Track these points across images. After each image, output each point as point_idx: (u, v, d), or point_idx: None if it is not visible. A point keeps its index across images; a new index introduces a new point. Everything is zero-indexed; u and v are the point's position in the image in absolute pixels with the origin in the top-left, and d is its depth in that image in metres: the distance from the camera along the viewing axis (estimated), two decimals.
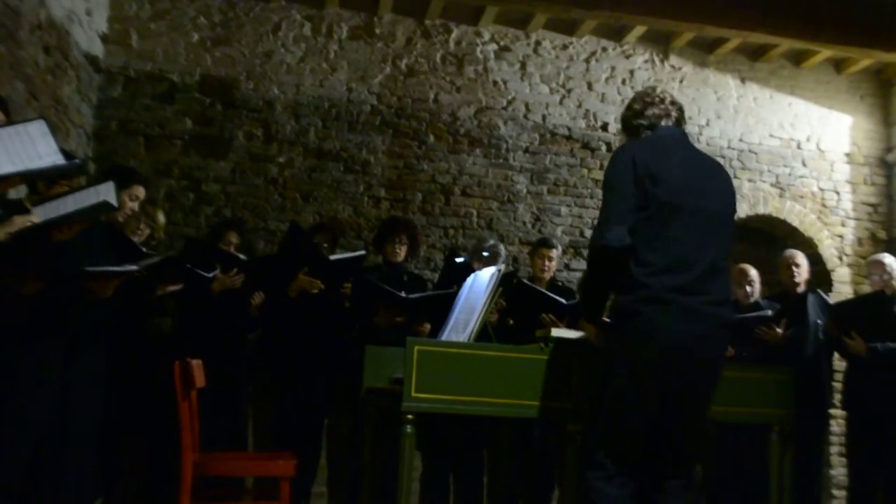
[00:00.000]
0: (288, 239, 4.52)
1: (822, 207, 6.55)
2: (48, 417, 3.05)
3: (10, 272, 2.87)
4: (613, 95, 6.27)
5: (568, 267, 5.92)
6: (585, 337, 2.85)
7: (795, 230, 6.49)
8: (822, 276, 6.26)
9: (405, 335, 3.87)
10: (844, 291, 6.36)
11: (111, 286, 3.15)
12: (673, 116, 2.74)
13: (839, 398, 5.09)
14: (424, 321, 4.33)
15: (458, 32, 6.11)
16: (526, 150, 6.09)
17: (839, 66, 6.65)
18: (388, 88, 5.93)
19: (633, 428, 2.51)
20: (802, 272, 4.97)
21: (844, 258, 6.52)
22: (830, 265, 6.46)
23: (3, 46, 3.99)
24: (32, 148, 2.76)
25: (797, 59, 6.56)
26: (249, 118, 5.68)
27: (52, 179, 3.09)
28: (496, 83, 6.13)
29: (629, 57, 6.38)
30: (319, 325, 4.42)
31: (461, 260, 4.61)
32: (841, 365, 5.14)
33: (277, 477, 3.34)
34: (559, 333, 3.06)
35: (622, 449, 2.51)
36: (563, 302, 4.32)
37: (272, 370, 4.52)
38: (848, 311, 4.79)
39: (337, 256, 4.41)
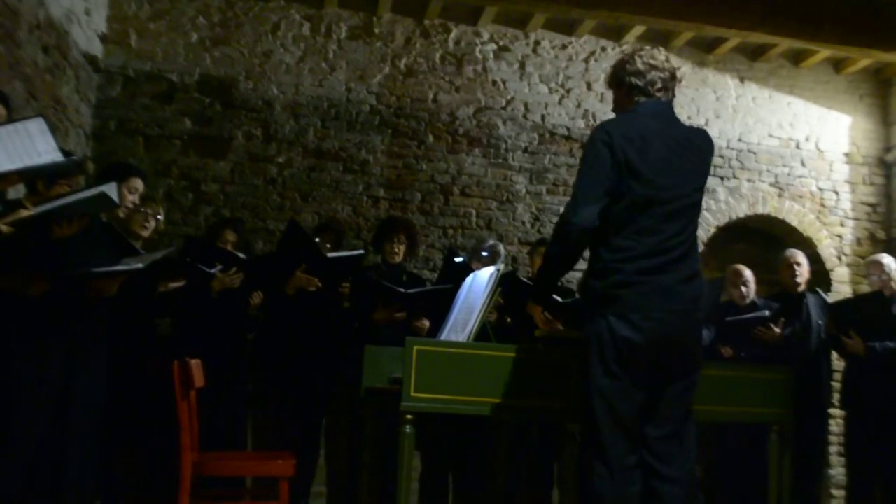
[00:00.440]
0: (286, 236, 4.51)
1: (820, 207, 6.56)
2: (48, 418, 3.05)
3: (15, 273, 2.86)
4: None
5: None
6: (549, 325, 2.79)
7: (794, 230, 6.49)
8: (820, 275, 6.26)
9: (404, 333, 3.90)
10: (843, 291, 6.36)
11: (115, 284, 3.15)
12: (669, 92, 2.66)
13: (838, 398, 5.09)
14: (423, 317, 4.34)
15: (457, 32, 6.11)
16: (525, 149, 6.09)
17: (838, 65, 6.65)
18: (387, 88, 5.93)
19: (622, 418, 2.47)
20: (803, 272, 4.97)
21: (843, 258, 6.52)
22: (829, 265, 6.47)
23: (1, 46, 3.98)
24: (31, 145, 2.76)
25: (796, 58, 6.57)
26: (248, 118, 5.68)
27: (51, 180, 3.09)
28: (495, 83, 6.13)
29: None
30: (318, 324, 4.42)
31: (460, 260, 4.60)
32: (840, 365, 5.14)
33: (276, 477, 3.34)
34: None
35: (614, 443, 2.47)
36: (559, 299, 4.32)
37: (271, 370, 4.51)
38: (846, 310, 4.79)
39: (335, 254, 4.40)
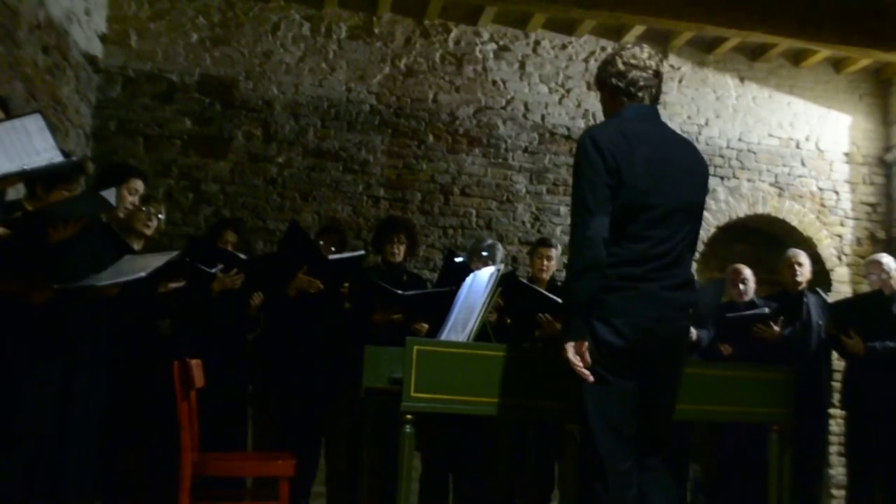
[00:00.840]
0: (287, 237, 4.51)
1: (820, 207, 6.55)
2: (48, 418, 3.05)
3: (18, 279, 2.86)
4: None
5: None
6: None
7: (794, 230, 6.49)
8: (821, 275, 6.26)
9: (404, 334, 3.89)
10: (843, 291, 6.36)
11: (117, 288, 3.15)
12: (652, 91, 2.62)
13: (838, 398, 5.09)
14: (421, 319, 4.33)
15: (457, 32, 6.11)
16: (525, 149, 6.09)
17: (838, 65, 6.64)
18: (387, 88, 5.93)
19: (613, 422, 2.47)
20: (805, 272, 4.97)
21: (843, 258, 6.52)
22: (829, 265, 6.47)
23: (1, 46, 3.98)
24: (30, 143, 2.75)
25: (796, 58, 6.56)
26: (248, 118, 5.68)
27: (51, 183, 3.08)
28: (495, 83, 6.12)
29: None
30: (319, 324, 4.42)
31: (460, 260, 4.60)
32: (840, 365, 5.14)
33: (276, 477, 3.34)
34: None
35: (608, 447, 2.46)
36: (559, 301, 4.31)
37: (271, 370, 4.51)
38: (846, 310, 4.79)
39: (336, 256, 4.40)
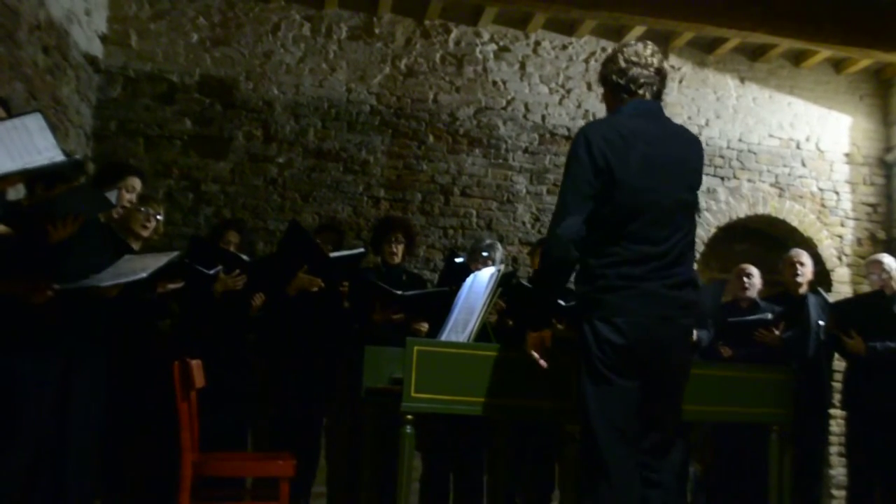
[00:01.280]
0: (288, 237, 4.51)
1: (821, 207, 6.55)
2: (48, 418, 3.05)
3: (18, 280, 2.86)
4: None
5: None
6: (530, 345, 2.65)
7: (795, 230, 6.49)
8: (821, 276, 6.25)
9: (404, 334, 3.89)
10: (844, 291, 6.36)
11: (117, 288, 3.15)
12: (654, 88, 2.63)
13: (839, 398, 5.09)
14: (421, 319, 4.33)
15: (457, 32, 6.11)
16: (525, 150, 6.09)
17: (838, 66, 6.64)
18: (387, 89, 5.93)
19: (615, 422, 2.44)
20: (806, 272, 4.97)
21: (844, 258, 6.52)
22: (830, 265, 6.47)
23: (2, 47, 3.98)
24: (30, 142, 2.75)
25: (796, 59, 6.56)
26: (249, 118, 5.68)
27: (51, 183, 3.08)
28: (495, 83, 6.12)
29: None
30: (319, 324, 4.42)
31: (461, 260, 4.60)
32: (840, 365, 5.14)
33: (277, 477, 3.34)
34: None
35: (610, 447, 2.43)
36: (562, 303, 4.31)
37: (271, 370, 4.51)
38: (847, 310, 4.78)
39: (337, 254, 4.40)
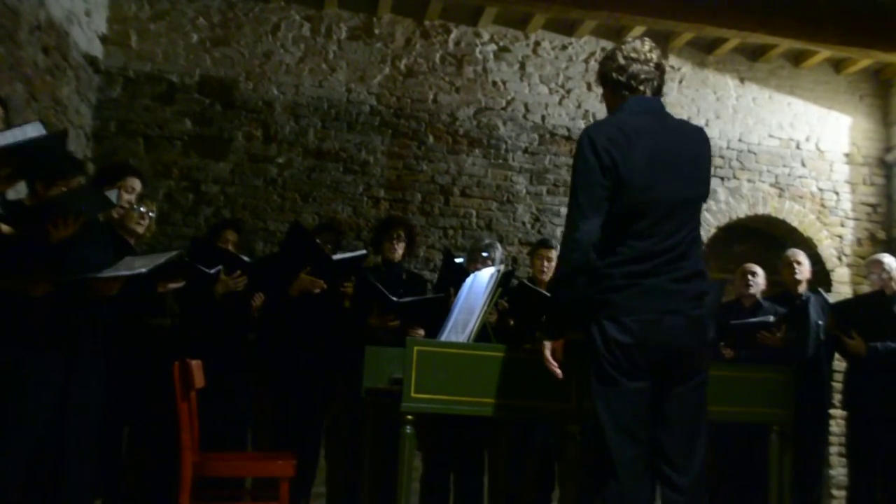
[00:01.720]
0: (290, 238, 4.51)
1: (821, 208, 6.56)
2: (48, 418, 3.05)
3: (17, 274, 2.86)
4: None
5: None
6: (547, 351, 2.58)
7: (795, 230, 6.49)
8: (821, 276, 6.26)
9: (401, 336, 3.88)
10: (844, 292, 6.36)
11: (117, 286, 3.15)
12: (654, 83, 2.62)
13: (839, 398, 5.09)
14: (416, 326, 4.31)
15: (457, 33, 6.11)
16: (525, 150, 6.09)
17: (838, 66, 6.65)
18: (387, 89, 5.93)
19: (625, 422, 2.40)
20: (804, 271, 4.98)
21: (844, 258, 6.52)
22: (830, 265, 6.47)
23: (2, 47, 3.98)
24: (21, 134, 2.78)
25: (796, 59, 6.56)
26: (249, 119, 5.68)
27: (50, 180, 3.08)
28: (495, 83, 6.13)
29: None
30: (319, 324, 4.42)
31: (460, 261, 4.59)
32: (841, 365, 5.14)
33: (277, 477, 3.34)
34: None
35: (620, 448, 2.40)
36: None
37: (272, 370, 4.51)
38: (848, 310, 4.79)
39: (339, 256, 4.40)
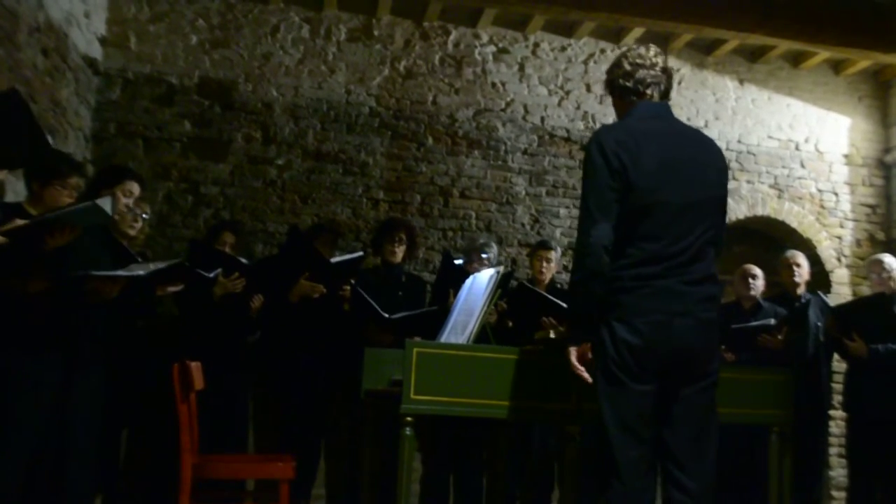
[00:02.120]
0: (288, 243, 4.51)
1: (820, 209, 6.56)
2: (48, 419, 3.05)
3: (14, 273, 2.86)
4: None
5: (567, 269, 5.90)
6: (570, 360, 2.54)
7: (794, 231, 6.49)
8: (820, 277, 6.26)
9: (399, 340, 3.86)
10: (843, 293, 6.36)
11: (116, 288, 3.15)
12: (661, 87, 2.63)
13: (839, 400, 5.09)
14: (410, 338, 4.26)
15: (456, 34, 6.11)
16: (524, 151, 6.09)
17: (837, 67, 6.65)
18: (386, 90, 5.93)
19: (629, 423, 2.40)
20: (803, 272, 4.99)
21: (843, 259, 6.52)
22: (829, 266, 6.47)
23: (1, 49, 3.98)
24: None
25: (795, 60, 6.57)
26: (248, 120, 5.68)
27: (46, 180, 3.08)
28: (495, 85, 6.13)
29: None
30: (319, 327, 4.42)
31: (460, 262, 4.59)
32: (840, 366, 5.14)
33: (277, 479, 3.34)
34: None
35: (624, 449, 2.40)
36: (563, 305, 4.31)
37: (271, 372, 4.51)
38: (849, 312, 4.79)
39: (337, 259, 4.40)
